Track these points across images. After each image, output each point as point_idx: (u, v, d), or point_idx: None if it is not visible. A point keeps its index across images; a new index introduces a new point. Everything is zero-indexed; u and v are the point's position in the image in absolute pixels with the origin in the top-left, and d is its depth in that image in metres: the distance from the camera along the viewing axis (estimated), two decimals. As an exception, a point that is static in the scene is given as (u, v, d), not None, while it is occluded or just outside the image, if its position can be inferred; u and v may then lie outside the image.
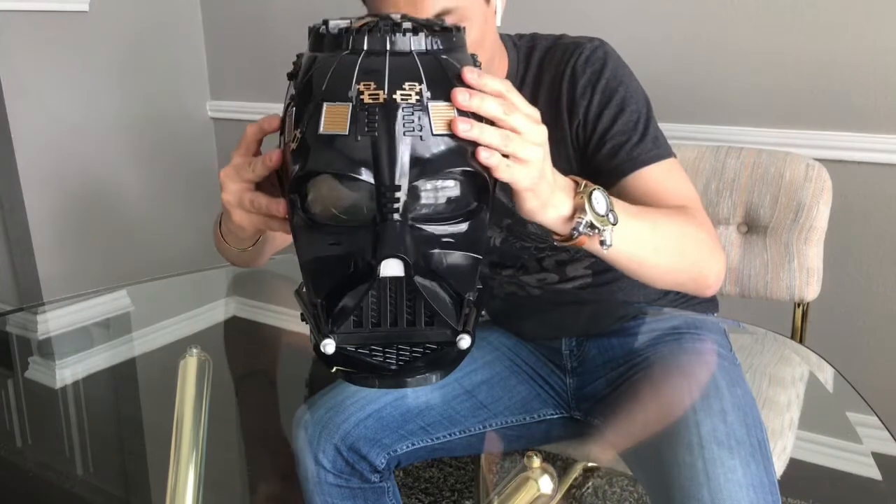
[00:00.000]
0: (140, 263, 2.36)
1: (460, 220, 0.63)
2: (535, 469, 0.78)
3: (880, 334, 1.59)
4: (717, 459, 0.80)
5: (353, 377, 0.66)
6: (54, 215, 2.15)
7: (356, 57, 0.62)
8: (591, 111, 0.95)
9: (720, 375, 0.91)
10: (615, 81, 0.95)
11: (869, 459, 0.90)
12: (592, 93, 0.95)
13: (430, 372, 0.64)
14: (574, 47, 0.97)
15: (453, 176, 0.62)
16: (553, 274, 1.07)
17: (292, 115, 0.65)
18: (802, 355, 1.15)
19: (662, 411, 0.89)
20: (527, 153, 0.64)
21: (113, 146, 2.26)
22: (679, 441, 0.83)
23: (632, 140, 0.93)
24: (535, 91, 0.99)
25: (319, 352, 0.63)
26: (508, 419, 1.06)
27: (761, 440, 0.85)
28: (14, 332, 1.39)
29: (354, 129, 0.59)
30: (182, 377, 0.98)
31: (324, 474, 0.97)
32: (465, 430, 1.04)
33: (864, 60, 1.50)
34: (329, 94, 0.61)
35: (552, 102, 0.97)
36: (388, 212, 0.58)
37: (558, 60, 0.97)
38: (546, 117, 0.90)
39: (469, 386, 1.05)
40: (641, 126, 0.95)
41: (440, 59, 0.63)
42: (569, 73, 0.96)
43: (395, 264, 0.58)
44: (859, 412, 0.93)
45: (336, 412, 0.98)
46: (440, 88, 0.61)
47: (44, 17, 2.03)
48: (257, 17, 2.32)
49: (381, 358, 0.62)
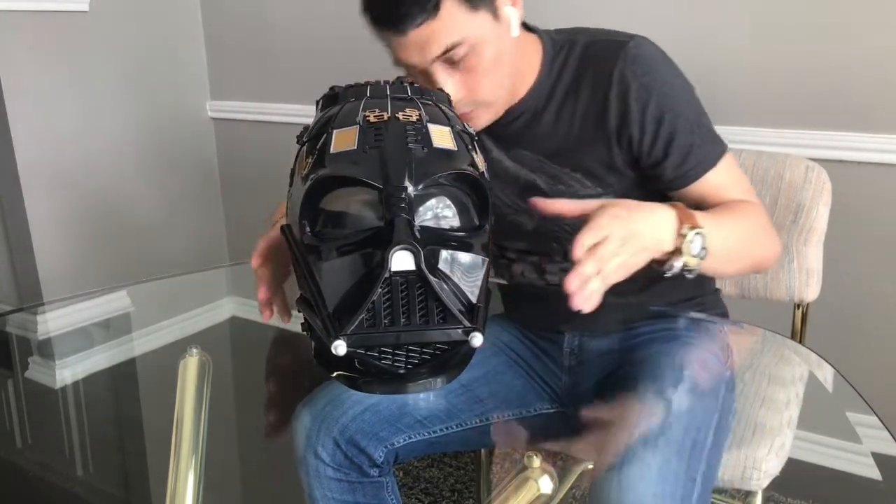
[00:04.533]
0: (140, 263, 2.36)
1: (465, 225, 0.66)
2: (535, 469, 0.78)
3: (880, 334, 1.59)
4: (636, 457, 0.79)
5: (354, 382, 0.67)
6: (54, 215, 2.15)
7: (361, 101, 0.69)
8: (644, 140, 0.96)
9: (687, 384, 0.92)
10: (664, 98, 0.96)
11: (869, 459, 0.90)
12: (643, 119, 0.95)
13: (434, 377, 0.65)
14: (618, 48, 0.96)
15: (455, 183, 0.65)
16: None
17: (303, 154, 0.69)
18: (802, 355, 1.15)
19: (621, 414, 0.91)
20: (637, 259, 0.77)
21: (113, 146, 2.26)
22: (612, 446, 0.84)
23: (691, 152, 0.97)
24: (576, 87, 0.99)
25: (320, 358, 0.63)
26: (504, 413, 1.07)
27: (697, 441, 0.84)
28: (14, 332, 1.39)
29: (363, 143, 0.63)
30: (182, 377, 0.99)
31: (323, 468, 0.97)
32: (462, 423, 1.05)
33: (864, 60, 1.50)
34: (338, 124, 0.66)
35: (597, 103, 0.97)
36: (397, 211, 0.60)
37: (602, 60, 0.97)
38: (589, 116, 0.98)
39: (466, 380, 1.04)
40: (697, 134, 0.97)
41: (434, 101, 0.71)
42: (616, 82, 0.95)
43: (406, 256, 0.59)
44: (859, 412, 0.93)
45: (334, 406, 0.99)
46: (437, 117, 0.68)
47: (44, 17, 2.03)
48: (257, 17, 2.32)
49: (389, 361, 0.62)
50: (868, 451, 0.90)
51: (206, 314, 1.54)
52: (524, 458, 0.77)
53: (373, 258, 0.60)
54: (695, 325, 1.07)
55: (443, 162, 0.64)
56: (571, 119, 0.99)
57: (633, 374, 0.96)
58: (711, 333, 1.07)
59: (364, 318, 0.60)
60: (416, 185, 0.61)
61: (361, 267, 0.61)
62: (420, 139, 0.63)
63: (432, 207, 0.65)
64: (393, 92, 0.70)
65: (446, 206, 0.65)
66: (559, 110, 1.00)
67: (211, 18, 2.44)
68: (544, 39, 1.02)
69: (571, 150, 1.00)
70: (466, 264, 0.64)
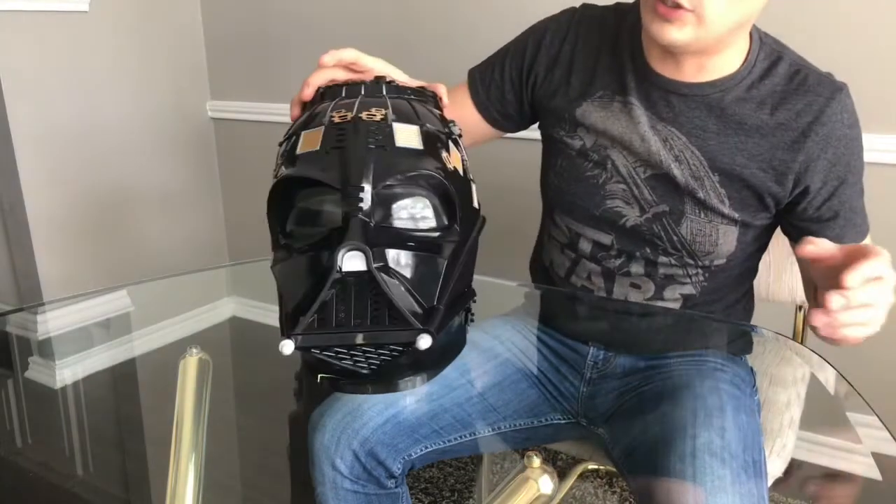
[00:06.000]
0: (140, 263, 2.36)
1: (433, 227, 0.65)
2: (535, 469, 0.78)
3: (880, 334, 1.59)
4: (707, 467, 0.79)
5: (341, 385, 0.66)
6: (54, 215, 2.15)
7: (333, 102, 0.69)
8: (821, 193, 0.94)
9: (728, 400, 0.90)
10: (854, 160, 0.94)
11: (869, 459, 0.90)
12: (829, 173, 0.92)
13: (414, 374, 0.65)
14: (833, 87, 0.92)
15: (418, 183, 0.64)
16: (650, 284, 1.02)
17: (279, 154, 0.69)
18: (804, 356, 1.15)
19: (661, 423, 0.88)
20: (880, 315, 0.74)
21: (113, 146, 2.26)
22: (673, 450, 0.82)
23: (851, 226, 0.96)
24: (775, 103, 0.93)
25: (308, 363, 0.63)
26: (517, 422, 1.06)
27: (757, 461, 0.84)
28: (14, 332, 1.39)
29: (325, 144, 0.63)
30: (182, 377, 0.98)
31: (340, 480, 0.95)
32: (475, 432, 1.03)
33: (864, 60, 1.50)
34: (307, 126, 0.67)
35: (792, 131, 0.92)
36: (353, 211, 0.60)
37: (814, 92, 0.92)
38: (776, 139, 0.93)
39: (481, 388, 1.04)
40: (853, 205, 0.97)
41: (409, 101, 0.70)
42: (825, 122, 0.91)
43: (356, 257, 0.58)
44: (859, 412, 0.93)
45: (354, 417, 0.96)
46: (405, 116, 0.67)
47: (44, 17, 2.03)
48: (257, 17, 2.32)
49: (349, 362, 0.62)
50: (868, 451, 0.90)
51: (206, 314, 1.54)
52: (524, 458, 0.77)
53: (326, 259, 0.60)
54: (723, 356, 1.03)
55: (404, 161, 0.63)
56: (752, 133, 0.93)
57: (666, 391, 0.94)
58: (738, 361, 1.04)
59: (315, 319, 0.60)
60: (374, 184, 0.61)
61: (317, 267, 0.61)
62: (382, 139, 0.63)
63: (407, 207, 0.64)
64: (367, 92, 0.70)
65: (425, 206, 0.65)
66: (744, 117, 0.93)
67: (211, 18, 2.44)
68: (754, 36, 0.95)
69: (735, 163, 0.93)
70: (426, 265, 0.63)
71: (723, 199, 0.95)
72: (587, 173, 1.00)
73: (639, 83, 0.97)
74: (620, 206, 0.99)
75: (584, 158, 1.00)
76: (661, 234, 0.98)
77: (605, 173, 0.99)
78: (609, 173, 0.99)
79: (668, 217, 0.97)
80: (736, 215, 0.95)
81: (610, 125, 0.98)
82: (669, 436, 0.85)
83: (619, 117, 0.98)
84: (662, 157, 0.95)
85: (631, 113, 0.97)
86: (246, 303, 1.71)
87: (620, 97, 0.98)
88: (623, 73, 0.98)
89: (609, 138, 0.98)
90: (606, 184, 0.99)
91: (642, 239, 0.99)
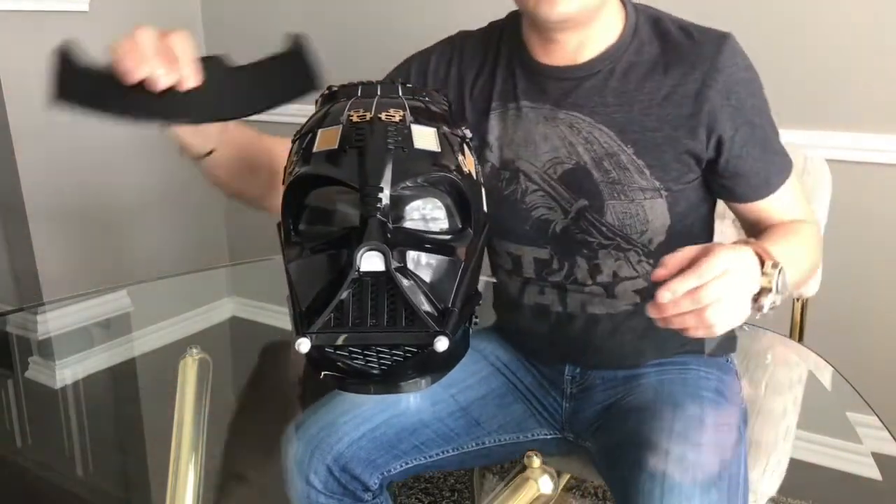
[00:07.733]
0: (140, 263, 2.36)
1: (445, 229, 0.66)
2: (534, 469, 0.78)
3: (880, 333, 1.59)
4: (675, 487, 0.78)
5: (344, 384, 0.66)
6: (54, 215, 2.15)
7: (349, 101, 0.69)
8: (736, 140, 0.92)
9: (710, 411, 0.89)
10: (760, 102, 0.93)
11: (869, 459, 0.90)
12: (738, 117, 0.91)
13: (419, 376, 0.65)
14: (720, 36, 0.92)
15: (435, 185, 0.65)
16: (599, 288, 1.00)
17: (292, 151, 0.69)
18: (802, 355, 1.15)
19: (638, 437, 0.87)
20: (725, 315, 0.70)
21: (113, 146, 2.26)
22: (644, 467, 0.82)
23: (771, 166, 0.94)
24: (665, 63, 0.92)
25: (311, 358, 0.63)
26: (502, 437, 1.04)
27: (734, 476, 0.83)
28: (14, 332, 1.39)
29: (343, 142, 0.63)
30: (182, 377, 0.99)
31: (315, 494, 0.94)
32: (459, 447, 1.02)
33: (865, 60, 1.50)
34: (323, 124, 0.66)
35: (690, 84, 0.91)
36: (371, 211, 0.60)
37: (703, 44, 0.92)
38: (676, 97, 0.92)
39: (464, 402, 1.02)
40: (770, 146, 0.95)
41: (425, 103, 0.70)
42: (721, 69, 0.90)
43: (375, 257, 0.59)
44: (859, 412, 0.93)
45: (329, 432, 0.95)
46: (423, 118, 0.67)
47: (44, 17, 2.03)
48: (257, 17, 2.32)
49: (361, 362, 0.62)
50: (868, 451, 0.90)
51: (206, 314, 1.54)
52: (524, 458, 0.77)
53: (344, 258, 0.60)
54: (706, 362, 1.01)
55: (423, 163, 0.63)
56: (653, 95, 0.92)
57: (647, 403, 0.92)
58: (723, 366, 1.02)
59: (332, 318, 0.60)
60: (393, 185, 0.61)
61: (333, 266, 0.61)
62: (401, 140, 0.63)
63: (419, 208, 0.64)
64: (383, 93, 0.70)
65: (436, 207, 0.65)
66: (641, 82, 0.92)
67: (211, 18, 2.44)
68: (628, 6, 0.96)
69: (645, 129, 0.92)
70: (443, 267, 0.63)
71: (642, 169, 0.92)
72: (504, 192, 0.98)
73: (530, 81, 0.97)
74: (545, 212, 0.97)
75: (496, 179, 0.98)
76: (590, 229, 0.95)
77: (520, 186, 0.97)
78: (523, 185, 0.97)
79: (589, 211, 0.95)
80: (658, 184, 0.92)
81: (511, 135, 0.97)
82: (643, 453, 0.84)
83: (516, 124, 0.97)
84: (570, 148, 0.94)
85: (526, 116, 0.96)
86: (246, 303, 1.71)
87: (513, 104, 0.97)
88: (513, 79, 0.98)
89: (513, 150, 0.97)
90: (525, 196, 0.97)
91: (575, 241, 0.97)
